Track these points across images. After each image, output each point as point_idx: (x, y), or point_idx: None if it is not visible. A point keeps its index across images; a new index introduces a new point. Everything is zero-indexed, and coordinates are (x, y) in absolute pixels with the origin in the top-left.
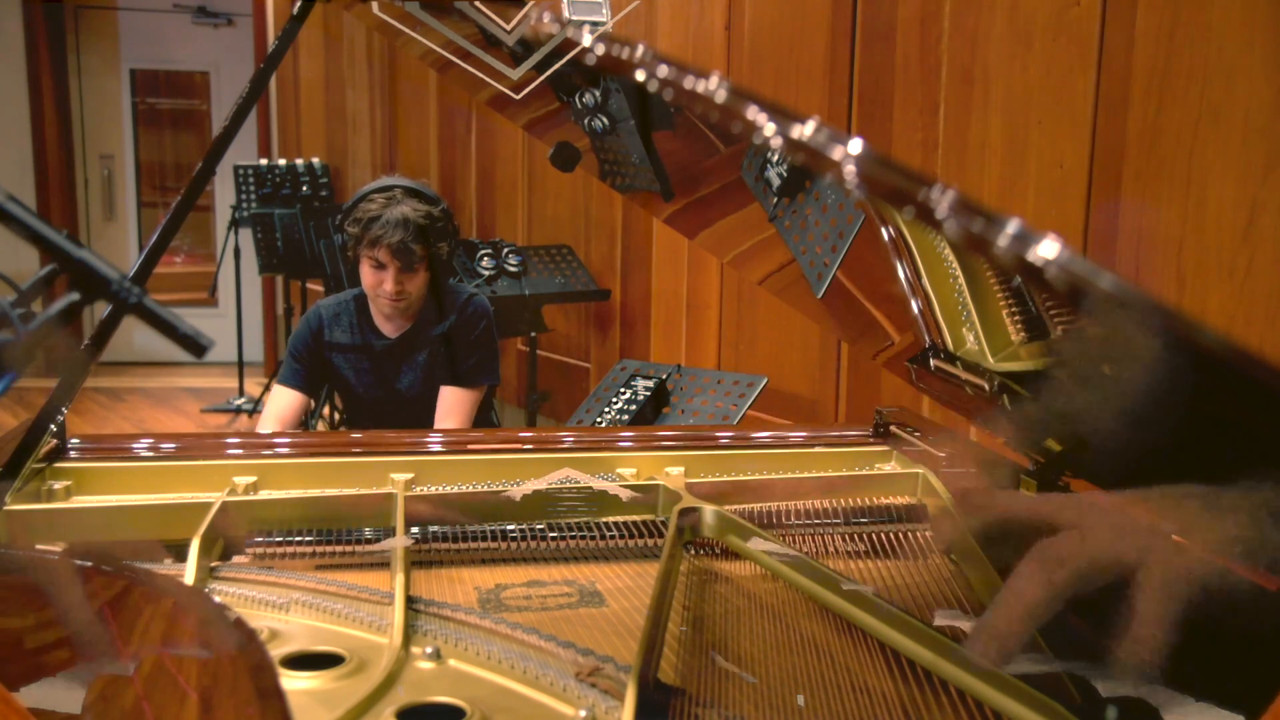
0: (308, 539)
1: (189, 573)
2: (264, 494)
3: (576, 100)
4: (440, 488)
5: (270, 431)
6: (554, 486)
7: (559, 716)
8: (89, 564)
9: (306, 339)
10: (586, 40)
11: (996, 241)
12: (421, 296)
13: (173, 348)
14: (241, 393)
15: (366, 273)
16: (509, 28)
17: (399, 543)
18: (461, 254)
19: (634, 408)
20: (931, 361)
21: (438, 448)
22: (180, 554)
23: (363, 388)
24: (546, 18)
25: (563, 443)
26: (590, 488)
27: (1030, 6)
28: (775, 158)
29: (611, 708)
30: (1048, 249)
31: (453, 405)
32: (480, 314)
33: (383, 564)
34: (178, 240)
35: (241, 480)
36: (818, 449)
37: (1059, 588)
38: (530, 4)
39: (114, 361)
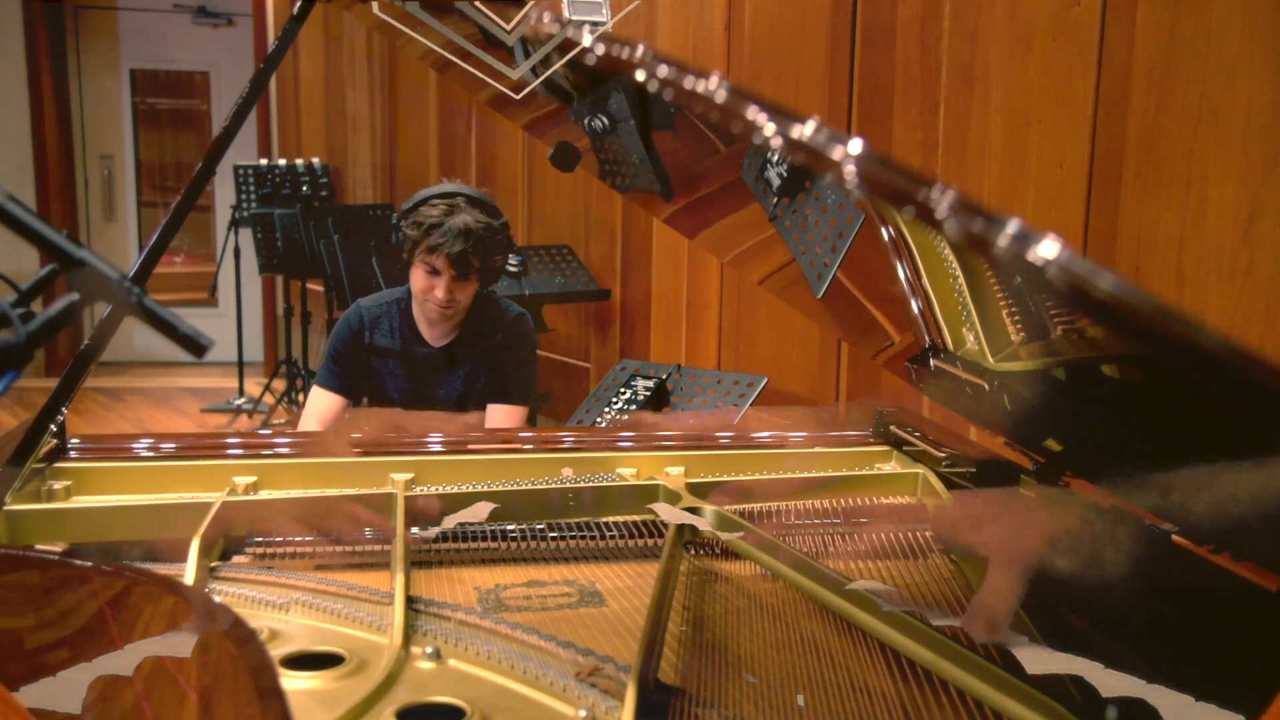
0: (308, 539)
1: (189, 573)
2: (264, 494)
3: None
4: (441, 488)
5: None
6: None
7: (559, 716)
8: (89, 564)
9: (347, 339)
10: (586, 40)
11: (996, 241)
12: (468, 305)
13: (173, 348)
14: (241, 393)
15: (419, 277)
16: (509, 28)
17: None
18: None
19: (634, 408)
20: (931, 361)
21: (438, 448)
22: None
23: (398, 394)
24: (546, 18)
25: (563, 443)
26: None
27: (1030, 6)
28: (775, 158)
29: (611, 708)
30: (1048, 249)
31: (504, 423)
32: (528, 333)
33: (383, 564)
34: (178, 240)
35: (241, 480)
36: (818, 449)
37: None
38: (530, 4)
39: (114, 361)
